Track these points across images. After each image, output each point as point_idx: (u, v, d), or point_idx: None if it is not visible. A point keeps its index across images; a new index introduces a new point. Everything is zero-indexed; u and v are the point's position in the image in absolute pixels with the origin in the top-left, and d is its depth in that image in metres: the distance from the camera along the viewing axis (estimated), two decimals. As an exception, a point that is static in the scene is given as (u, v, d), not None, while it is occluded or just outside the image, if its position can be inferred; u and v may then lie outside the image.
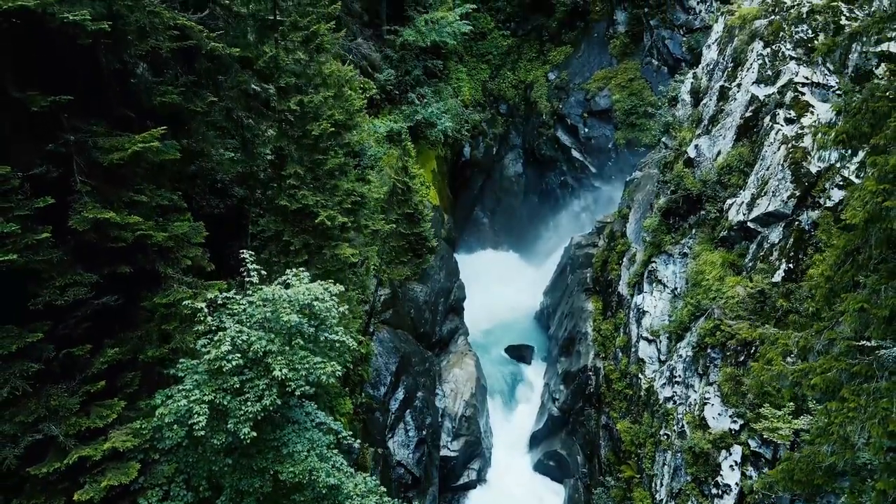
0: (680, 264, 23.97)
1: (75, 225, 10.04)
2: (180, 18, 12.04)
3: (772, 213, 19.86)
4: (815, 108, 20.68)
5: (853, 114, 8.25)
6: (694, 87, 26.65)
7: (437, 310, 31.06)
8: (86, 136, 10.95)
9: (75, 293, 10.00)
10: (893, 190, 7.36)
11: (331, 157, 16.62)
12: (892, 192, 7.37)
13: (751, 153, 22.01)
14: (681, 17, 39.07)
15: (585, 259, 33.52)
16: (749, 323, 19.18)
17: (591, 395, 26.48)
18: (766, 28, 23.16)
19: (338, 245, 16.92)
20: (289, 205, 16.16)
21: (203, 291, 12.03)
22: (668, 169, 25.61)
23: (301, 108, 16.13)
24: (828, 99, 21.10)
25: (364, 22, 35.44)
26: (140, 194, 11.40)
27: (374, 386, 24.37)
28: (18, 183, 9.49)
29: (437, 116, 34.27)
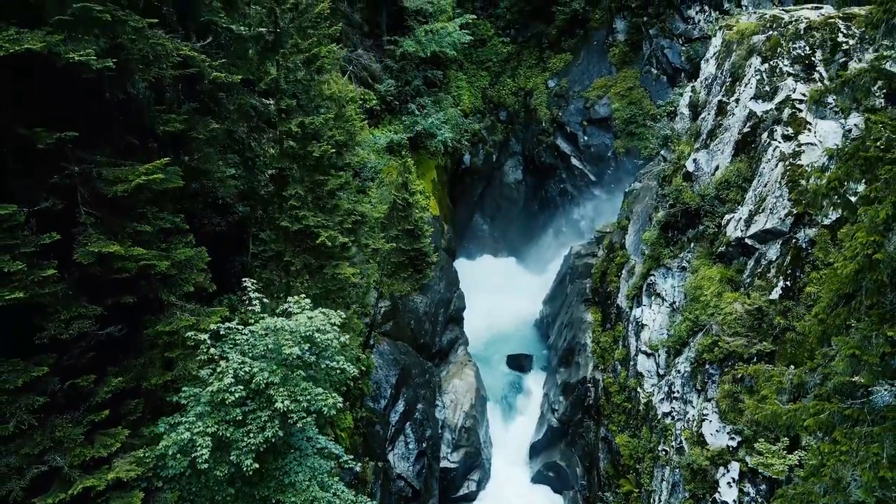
0: (678, 278, 24.10)
1: (80, 258, 10.17)
2: (183, 48, 12.17)
3: (769, 231, 20.00)
4: (812, 125, 20.84)
5: (845, 159, 8.38)
6: (692, 101, 26.78)
7: (437, 320, 31.20)
8: (90, 167, 11.08)
9: (80, 326, 10.14)
10: (883, 242, 7.51)
11: (332, 178, 16.74)
12: (881, 244, 7.51)
13: (749, 169, 22.15)
14: (680, 27, 39.23)
15: (585, 269, 33.66)
16: (747, 340, 19.33)
17: (590, 407, 26.61)
18: (764, 44, 23.29)
19: (338, 265, 17.05)
20: (290, 226, 16.29)
21: (205, 318, 12.15)
22: (666, 182, 25.74)
23: (302, 130, 16.26)
24: (825, 116, 21.25)
25: (364, 32, 35.59)
26: (144, 224, 11.53)
27: (374, 399, 24.50)
28: (24, 218, 9.62)
29: (437, 127, 34.41)
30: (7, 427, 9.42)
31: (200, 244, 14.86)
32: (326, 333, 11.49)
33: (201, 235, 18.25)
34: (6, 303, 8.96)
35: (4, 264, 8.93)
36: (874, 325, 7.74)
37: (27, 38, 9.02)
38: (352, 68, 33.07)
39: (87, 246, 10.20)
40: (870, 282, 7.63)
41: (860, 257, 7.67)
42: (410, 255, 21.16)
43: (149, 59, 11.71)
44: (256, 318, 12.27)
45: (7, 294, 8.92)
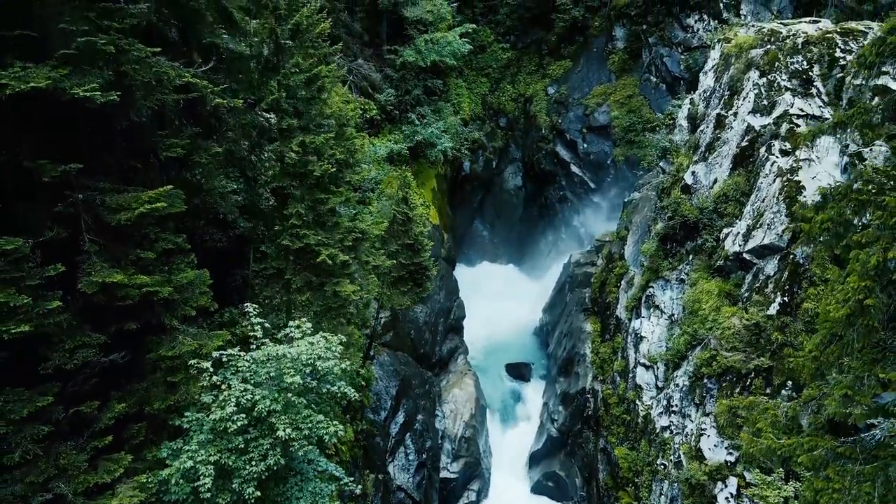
0: (677, 290, 24.22)
1: (84, 288, 10.29)
2: (185, 75, 12.29)
3: (767, 246, 20.13)
4: (809, 140, 20.94)
5: (838, 199, 8.51)
6: (691, 113, 26.91)
7: (437, 330, 31.32)
8: (93, 195, 11.20)
9: (84, 355, 10.26)
10: (874, 287, 7.64)
11: (332, 196, 16.86)
12: (873, 289, 7.64)
13: (747, 183, 22.28)
14: (679, 36, 39.33)
15: (584, 278, 33.79)
16: (745, 355, 19.45)
17: (589, 418, 26.73)
18: (762, 58, 23.41)
19: (339, 282, 17.16)
20: (291, 244, 16.41)
21: (208, 342, 12.28)
22: (665, 194, 25.87)
23: (303, 149, 16.38)
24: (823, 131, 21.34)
25: (364, 42, 35.72)
26: (147, 250, 11.65)
27: (374, 410, 24.62)
28: (29, 250, 9.74)
29: (437, 136, 34.54)
30: (13, 457, 9.53)
31: (201, 260, 14.99)
32: (327, 361, 11.61)
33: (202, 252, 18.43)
34: (12, 336, 9.09)
35: (11, 298, 9.05)
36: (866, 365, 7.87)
37: (33, 74, 9.15)
38: (352, 78, 33.21)
39: (91, 275, 10.33)
40: (861, 326, 7.77)
41: (852, 301, 7.82)
42: (410, 269, 21.27)
43: (152, 85, 11.84)
44: (258, 343, 12.39)
45: (13, 328, 9.04)
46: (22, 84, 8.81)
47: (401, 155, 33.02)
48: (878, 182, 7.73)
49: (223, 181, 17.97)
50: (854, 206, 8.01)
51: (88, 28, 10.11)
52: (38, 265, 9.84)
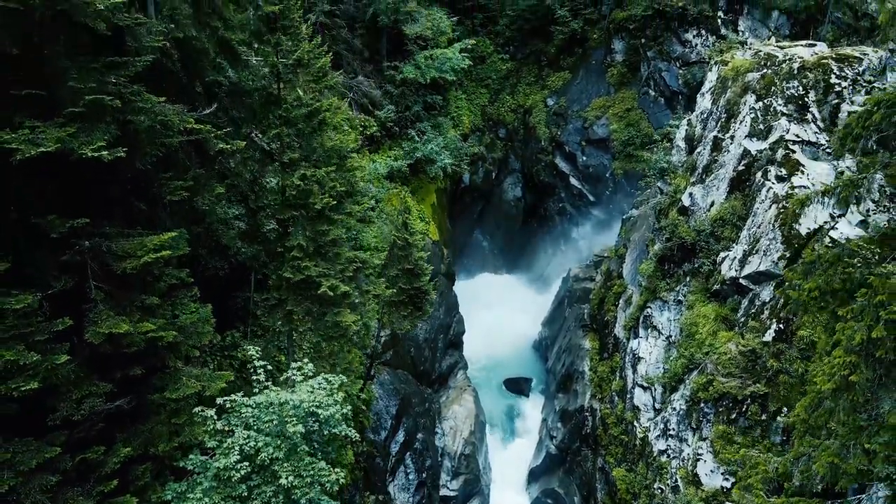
0: (675, 311, 24.44)
1: (91, 338, 10.52)
2: (189, 121, 12.52)
3: (763, 273, 20.36)
4: (805, 167, 21.19)
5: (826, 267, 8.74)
6: (688, 134, 27.14)
7: (437, 346, 31.56)
8: (100, 241, 11.43)
9: (91, 405, 10.49)
10: (859, 363, 7.87)
11: (333, 228, 17.09)
12: (858, 365, 7.87)
13: (743, 207, 22.51)
14: (677, 50, 39.57)
15: (583, 293, 34.03)
16: (741, 381, 19.68)
17: (587, 436, 26.96)
18: (759, 82, 23.65)
19: (339, 311, 17.38)
20: (292, 276, 16.63)
21: (211, 383, 12.50)
22: (662, 215, 26.10)
23: (304, 182, 16.61)
24: (818, 157, 21.62)
25: (365, 58, 35.95)
26: (151, 294, 11.89)
27: (374, 430, 24.85)
28: (38, 304, 9.97)
29: (437, 153, 34.76)
30: (22, 508, 9.77)
31: (203, 287, 15.19)
32: (329, 408, 11.83)
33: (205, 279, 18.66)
34: (21, 394, 9.32)
35: (20, 356, 9.28)
36: (853, 433, 8.10)
37: (42, 137, 9.37)
38: (352, 95, 33.45)
39: (98, 325, 10.55)
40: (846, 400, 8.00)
41: (838, 377, 8.06)
42: (410, 293, 21.50)
43: (156, 131, 12.08)
44: (261, 386, 12.62)
45: (23, 385, 9.27)
46: (32, 149, 9.04)
47: (401, 171, 33.25)
48: (865, 256, 7.97)
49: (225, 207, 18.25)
50: (842, 277, 8.25)
51: (95, 84, 10.33)
52: (47, 318, 10.07)
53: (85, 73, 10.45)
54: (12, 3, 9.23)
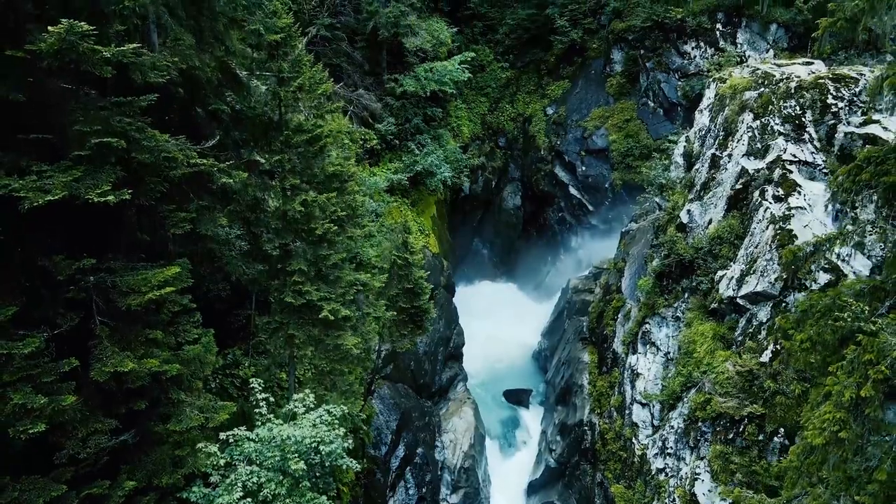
0: (673, 327, 24.62)
1: (96, 377, 10.68)
2: (193, 156, 12.70)
3: (760, 293, 20.53)
4: (801, 187, 21.36)
5: (817, 317, 8.93)
6: (686, 151, 27.32)
7: (437, 359, 31.73)
8: (104, 277, 11.60)
9: (97, 442, 10.66)
10: (849, 419, 8.06)
11: (334, 253, 17.26)
12: (847, 421, 8.06)
13: (741, 226, 22.69)
14: (676, 62, 39.75)
15: (582, 305, 34.20)
16: (738, 401, 19.86)
17: (586, 451, 27.13)
18: (756, 100, 23.83)
19: (340, 335, 17.55)
20: (294, 301, 16.80)
21: (214, 415, 12.68)
22: (661, 231, 26.28)
23: (305, 208, 16.78)
24: (815, 177, 21.80)
25: (365, 71, 36.14)
26: (156, 328, 12.06)
27: (375, 446, 25.03)
28: (44, 345, 10.14)
29: (437, 166, 34.94)
30: (29, 547, 9.93)
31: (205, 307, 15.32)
32: (331, 444, 12.02)
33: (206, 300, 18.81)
34: (29, 436, 9.50)
35: (28, 399, 9.44)
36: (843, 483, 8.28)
37: (49, 183, 9.55)
38: (352, 108, 33.63)
39: (103, 363, 10.72)
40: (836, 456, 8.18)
41: (827, 432, 8.25)
42: (410, 312, 21.68)
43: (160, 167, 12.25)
44: (263, 420, 12.80)
45: (30, 428, 9.43)
46: (40, 198, 9.21)
47: (401, 184, 33.44)
48: (855, 311, 8.14)
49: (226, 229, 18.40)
50: (833, 330, 8.43)
51: (101, 127, 10.50)
52: (53, 359, 10.24)
53: (90, 115, 10.62)
54: (19, 52, 9.40)
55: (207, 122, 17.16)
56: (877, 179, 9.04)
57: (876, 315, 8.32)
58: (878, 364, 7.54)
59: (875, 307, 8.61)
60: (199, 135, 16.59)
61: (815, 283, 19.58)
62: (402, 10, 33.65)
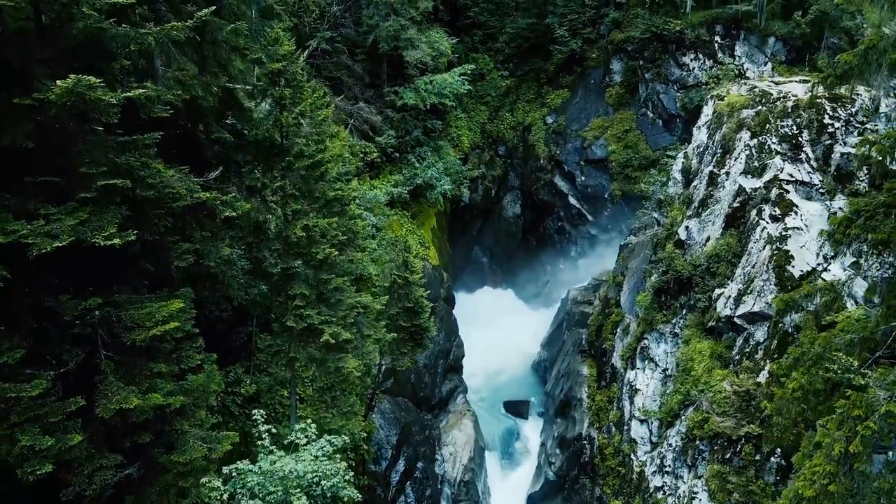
0: (671, 343, 24.81)
1: (102, 413, 10.87)
2: (197, 190, 12.88)
3: (757, 313, 20.72)
4: (798, 207, 21.54)
5: (809, 365, 9.10)
6: (685, 167, 27.50)
7: (437, 372, 31.92)
8: (109, 312, 11.78)
9: (102, 478, 10.85)
10: (838, 472, 8.24)
11: (336, 277, 17.45)
12: (836, 474, 8.24)
13: (738, 245, 22.86)
14: (675, 73, 39.92)
15: (581, 318, 34.38)
16: (735, 421, 20.04)
17: (585, 465, 27.32)
18: (753, 119, 24.01)
19: (342, 357, 17.74)
20: (295, 325, 16.99)
21: (217, 445, 12.86)
22: (659, 247, 26.48)
23: (307, 233, 16.97)
24: (812, 196, 21.97)
25: (366, 83, 36.33)
26: (160, 362, 12.25)
27: (375, 461, 25.21)
28: (51, 384, 10.33)
29: (437, 178, 35.13)
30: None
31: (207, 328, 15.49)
32: (332, 478, 12.22)
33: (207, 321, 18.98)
34: (37, 477, 9.68)
35: (35, 440, 9.63)
36: (832, 531, 8.53)
37: (57, 227, 9.74)
38: (353, 122, 33.82)
39: (108, 400, 10.90)
40: None
41: (818, 485, 8.43)
42: (410, 330, 21.87)
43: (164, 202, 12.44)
44: (266, 451, 13.00)
45: (38, 468, 9.62)
46: (48, 245, 9.40)
47: (401, 197, 33.64)
48: (844, 364, 8.32)
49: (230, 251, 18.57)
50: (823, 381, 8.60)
51: (107, 168, 10.70)
52: (60, 398, 10.43)
53: (96, 155, 10.81)
54: (27, 100, 9.59)
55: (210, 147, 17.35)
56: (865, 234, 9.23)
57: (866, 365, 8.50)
58: (866, 419, 7.73)
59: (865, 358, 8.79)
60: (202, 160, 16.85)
61: (812, 304, 19.80)
62: (402, 24, 33.84)
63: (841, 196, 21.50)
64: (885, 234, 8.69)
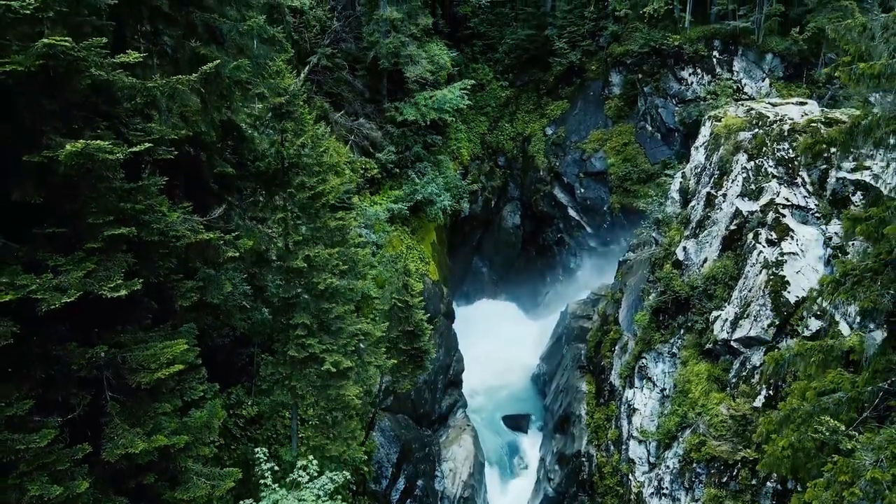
0: (669, 363, 25.02)
1: (107, 457, 11.08)
2: (200, 230, 13.09)
3: (753, 338, 20.94)
4: (794, 231, 21.76)
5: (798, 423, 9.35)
6: (683, 187, 27.71)
7: (437, 387, 32.12)
8: (115, 353, 11.99)
9: (109, 522, 11.09)
10: None
11: (337, 306, 17.66)
12: None
13: (735, 267, 23.07)
14: (674, 87, 40.16)
15: (580, 332, 34.57)
16: (732, 445, 20.27)
17: (584, 482, 27.53)
18: (750, 142, 24.23)
19: (343, 385, 17.95)
20: (297, 355, 17.21)
21: (220, 482, 13.07)
22: (657, 266, 26.68)
23: (308, 264, 17.19)
24: (808, 221, 22.19)
25: (366, 98, 36.55)
26: (165, 402, 12.46)
27: (375, 480, 25.43)
28: (59, 431, 10.54)
29: (437, 194, 35.35)
30: None
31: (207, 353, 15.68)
32: (333, 518, 12.47)
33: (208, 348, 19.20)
34: (46, 526, 9.91)
35: (44, 489, 9.84)
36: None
37: (65, 281, 9.96)
38: (353, 138, 34.06)
39: (114, 444, 11.11)
40: None
41: None
42: (411, 353, 22.09)
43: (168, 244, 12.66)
44: (269, 491, 13.22)
45: (48, 517, 9.86)
46: (56, 300, 9.62)
47: (401, 213, 33.88)
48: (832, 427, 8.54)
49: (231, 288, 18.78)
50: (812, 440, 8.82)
51: (113, 217, 10.91)
52: (67, 444, 10.64)
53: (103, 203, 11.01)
54: (36, 157, 9.81)
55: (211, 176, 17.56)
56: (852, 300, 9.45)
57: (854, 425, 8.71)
58: (852, 485, 7.94)
59: (852, 418, 9.01)
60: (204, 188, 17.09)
61: (808, 329, 20.04)
62: (402, 41, 34.06)
63: (836, 221, 21.73)
64: (871, 302, 8.91)
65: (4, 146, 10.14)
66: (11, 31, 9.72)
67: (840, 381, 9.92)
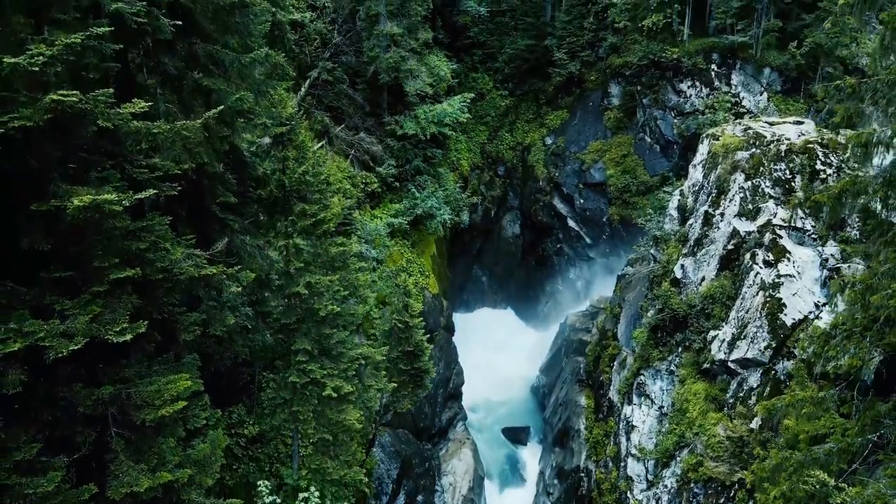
0: (667, 381, 25.23)
1: (113, 495, 11.29)
2: (203, 265, 13.29)
3: (750, 359, 21.13)
4: (791, 253, 21.95)
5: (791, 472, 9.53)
6: (681, 205, 27.90)
7: (437, 401, 32.31)
8: (120, 389, 12.20)
9: (115, 559, 11.28)
10: None
11: (338, 331, 17.86)
12: None
13: (732, 286, 23.26)
14: (672, 99, 40.33)
15: (580, 345, 34.79)
16: (729, 467, 20.46)
17: (583, 498, 27.73)
18: (748, 161, 24.42)
19: (343, 409, 18.16)
20: (298, 381, 17.41)
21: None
22: (655, 284, 26.87)
23: (309, 290, 17.39)
24: (804, 242, 22.38)
25: (366, 112, 36.75)
26: (169, 436, 12.66)
27: (376, 496, 25.62)
28: (65, 471, 10.74)
29: (437, 208, 35.53)
30: None
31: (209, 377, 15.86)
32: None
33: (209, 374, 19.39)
34: (54, 568, 10.11)
35: (52, 532, 10.07)
36: None
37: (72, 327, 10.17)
38: (353, 152, 34.26)
39: (119, 482, 11.31)
40: None
41: None
42: (410, 373, 22.29)
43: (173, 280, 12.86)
44: (271, 525, 13.45)
45: (55, 559, 10.06)
46: (64, 348, 9.83)
47: (401, 227, 34.09)
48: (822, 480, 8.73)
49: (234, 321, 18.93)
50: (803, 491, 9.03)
51: (118, 259, 11.11)
52: (74, 485, 10.84)
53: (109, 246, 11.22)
54: (44, 206, 10.01)
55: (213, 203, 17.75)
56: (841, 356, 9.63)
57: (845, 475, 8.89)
58: (841, 541, 8.18)
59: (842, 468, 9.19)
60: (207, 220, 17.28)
61: (804, 351, 20.21)
62: (402, 56, 34.24)
63: (832, 242, 21.94)
64: (860, 361, 9.09)
65: (12, 194, 10.34)
66: (19, 82, 9.92)
67: (832, 425, 10.12)
